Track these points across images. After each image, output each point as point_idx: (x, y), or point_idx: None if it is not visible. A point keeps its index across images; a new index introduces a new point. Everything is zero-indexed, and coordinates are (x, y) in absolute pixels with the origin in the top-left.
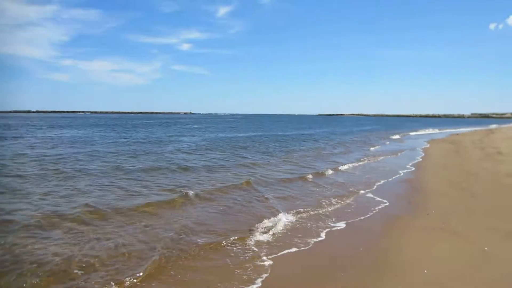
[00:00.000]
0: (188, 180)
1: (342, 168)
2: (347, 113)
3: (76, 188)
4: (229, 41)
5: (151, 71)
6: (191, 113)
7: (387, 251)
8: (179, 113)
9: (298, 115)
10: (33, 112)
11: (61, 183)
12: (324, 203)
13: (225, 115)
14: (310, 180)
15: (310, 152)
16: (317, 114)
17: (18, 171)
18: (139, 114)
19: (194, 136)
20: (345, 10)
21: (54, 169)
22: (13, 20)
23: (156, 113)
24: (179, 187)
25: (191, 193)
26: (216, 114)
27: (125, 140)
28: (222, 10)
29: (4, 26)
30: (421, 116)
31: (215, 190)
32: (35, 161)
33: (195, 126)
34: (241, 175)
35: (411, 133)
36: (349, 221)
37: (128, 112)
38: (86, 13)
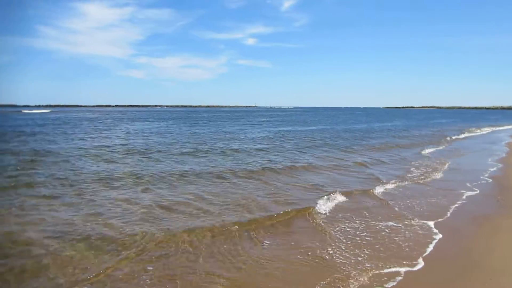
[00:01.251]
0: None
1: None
2: (417, 106)
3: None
4: (293, 34)
5: (218, 66)
6: (255, 106)
7: (478, 252)
8: (244, 106)
9: (364, 108)
10: (113, 106)
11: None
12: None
13: (288, 108)
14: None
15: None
16: (384, 106)
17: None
18: (206, 108)
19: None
20: None
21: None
22: (96, 22)
23: (222, 106)
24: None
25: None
26: (279, 108)
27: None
28: (287, 4)
29: (88, 28)
30: (502, 108)
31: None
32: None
33: (274, 119)
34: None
35: (495, 128)
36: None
37: (196, 106)
38: (160, 12)
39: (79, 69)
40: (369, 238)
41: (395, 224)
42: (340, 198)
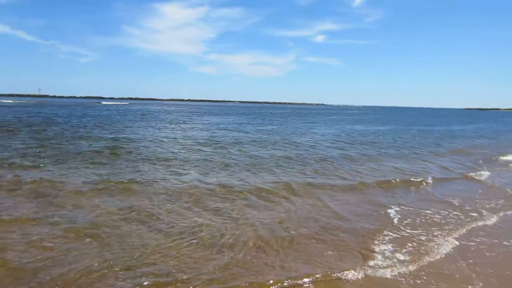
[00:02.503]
0: None
1: None
2: (503, 108)
3: None
4: (364, 31)
5: (286, 63)
6: (323, 104)
7: None
8: (311, 104)
9: (438, 109)
10: (185, 100)
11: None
12: None
13: (357, 107)
14: None
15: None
16: (464, 108)
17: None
18: (274, 104)
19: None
20: None
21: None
22: (174, 22)
23: (290, 103)
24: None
25: None
26: (347, 106)
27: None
28: None
29: (166, 28)
30: None
31: None
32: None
33: (347, 117)
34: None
35: None
36: None
37: (264, 102)
38: (231, 11)
39: (157, 65)
40: None
41: None
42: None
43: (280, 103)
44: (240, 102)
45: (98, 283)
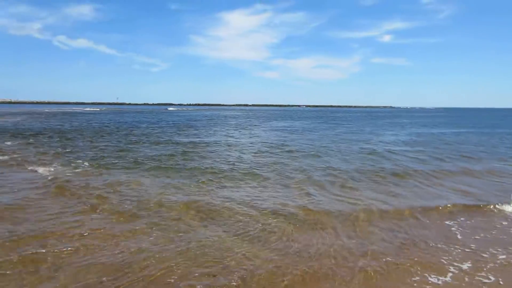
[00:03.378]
0: None
1: None
2: None
3: None
4: (435, 28)
5: (350, 65)
6: (390, 107)
7: None
8: (378, 106)
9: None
10: (250, 105)
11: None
12: None
13: (428, 109)
14: None
15: None
16: None
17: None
18: (338, 108)
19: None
20: None
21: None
22: (238, 29)
23: (355, 106)
24: None
25: None
26: (414, 108)
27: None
28: None
29: (230, 35)
30: None
31: None
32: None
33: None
34: None
35: None
36: None
37: (328, 106)
38: (294, 16)
39: (222, 72)
40: None
41: None
42: None
43: (345, 106)
44: (304, 106)
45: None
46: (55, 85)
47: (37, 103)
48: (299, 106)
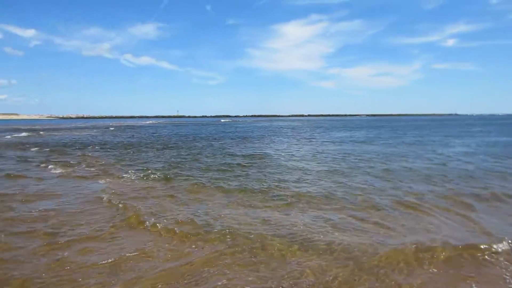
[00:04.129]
0: None
1: None
2: None
3: None
4: (506, 29)
5: (410, 72)
6: (456, 114)
7: None
8: (442, 114)
9: None
10: (306, 115)
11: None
12: None
13: (499, 115)
14: None
15: None
16: None
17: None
18: (398, 116)
19: None
20: None
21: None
22: (293, 41)
23: (417, 114)
24: None
25: None
26: (482, 115)
27: None
28: None
29: (286, 47)
30: None
31: None
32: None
33: None
34: None
35: None
36: None
37: (388, 115)
38: (350, 24)
39: (278, 83)
40: None
41: None
42: None
43: (405, 114)
44: (365, 115)
45: None
46: (121, 100)
47: (105, 117)
48: (359, 115)
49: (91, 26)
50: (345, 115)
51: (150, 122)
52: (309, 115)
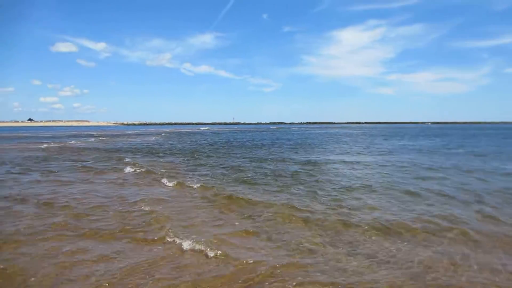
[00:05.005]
0: None
1: None
2: None
3: None
4: None
5: (478, 77)
6: None
7: None
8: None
9: None
10: (362, 123)
11: None
12: None
13: None
14: None
15: None
16: None
17: None
18: (464, 124)
19: None
20: None
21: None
22: (350, 47)
23: (485, 122)
24: None
25: None
26: None
27: None
28: None
29: (342, 53)
30: None
31: None
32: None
33: None
34: None
35: None
36: None
37: (451, 122)
38: (411, 28)
39: (333, 89)
40: None
41: None
42: None
43: (473, 122)
44: (426, 123)
45: None
46: (180, 107)
47: (166, 124)
48: (423, 123)
49: (154, 38)
50: (406, 123)
51: (207, 128)
52: (366, 123)
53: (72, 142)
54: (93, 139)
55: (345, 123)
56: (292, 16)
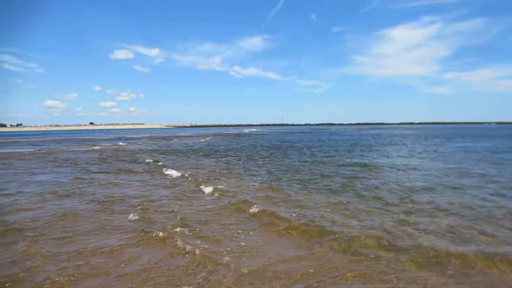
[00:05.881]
0: None
1: None
2: None
3: None
4: None
5: None
6: None
7: None
8: None
9: None
10: (416, 123)
11: None
12: None
13: None
14: None
15: None
16: None
17: None
18: None
19: None
20: None
21: None
22: (402, 45)
23: None
24: None
25: None
26: None
27: None
28: None
29: (394, 51)
30: None
31: None
32: None
33: None
34: None
35: None
36: None
37: None
38: (469, 24)
39: (385, 89)
40: None
41: None
42: None
43: None
44: (490, 123)
45: None
46: (229, 109)
47: (215, 125)
48: (488, 123)
49: (205, 43)
50: (466, 123)
51: (254, 130)
52: (420, 123)
53: (139, 142)
54: (158, 139)
55: (398, 123)
56: (341, 16)
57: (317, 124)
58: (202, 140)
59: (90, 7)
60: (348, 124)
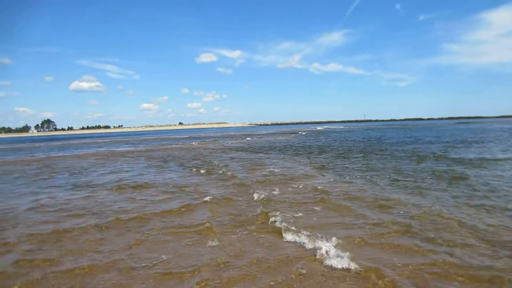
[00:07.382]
0: None
1: None
2: None
3: None
4: None
5: None
6: None
7: None
8: None
9: None
10: None
11: None
12: None
13: None
14: None
15: None
16: None
17: None
18: None
19: None
20: None
21: None
22: (501, 29)
23: None
24: None
25: None
26: None
27: None
28: None
29: (491, 37)
30: None
31: None
32: None
33: None
34: None
35: None
36: None
37: None
38: None
39: (481, 79)
40: None
41: None
42: None
43: None
44: None
45: None
46: (309, 106)
47: (296, 123)
48: None
49: (284, 42)
50: None
51: (335, 127)
52: None
53: (231, 141)
54: (249, 138)
55: (497, 117)
56: (429, 3)
57: (403, 119)
58: (290, 137)
59: (176, 15)
60: (439, 119)
